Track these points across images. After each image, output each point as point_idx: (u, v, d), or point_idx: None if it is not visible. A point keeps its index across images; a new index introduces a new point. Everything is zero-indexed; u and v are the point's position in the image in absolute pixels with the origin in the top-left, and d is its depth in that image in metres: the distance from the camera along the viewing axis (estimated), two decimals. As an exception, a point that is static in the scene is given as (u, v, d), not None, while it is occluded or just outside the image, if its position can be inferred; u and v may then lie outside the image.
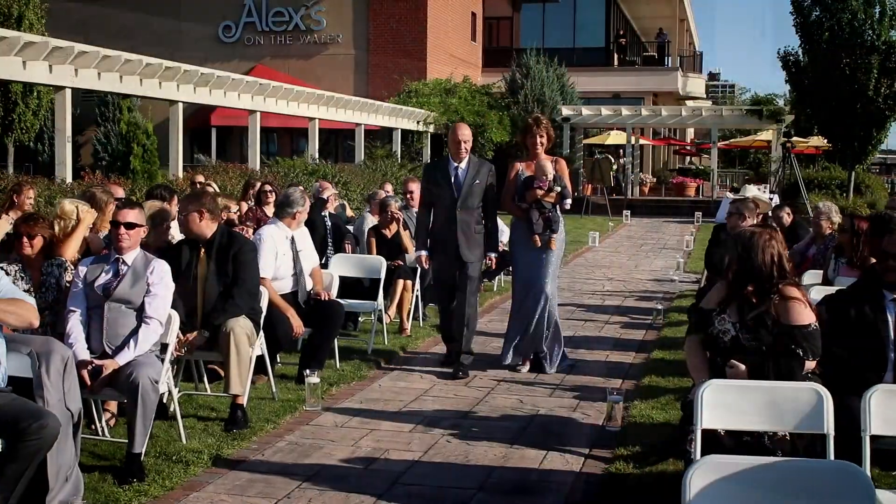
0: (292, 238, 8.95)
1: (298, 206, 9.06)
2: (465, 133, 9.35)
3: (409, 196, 12.56)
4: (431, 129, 33.93)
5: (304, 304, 8.84)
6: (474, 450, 6.92)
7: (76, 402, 5.71)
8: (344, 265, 10.68)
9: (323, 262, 10.39)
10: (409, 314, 11.46)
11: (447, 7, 41.37)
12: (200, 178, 14.71)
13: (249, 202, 12.34)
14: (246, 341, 7.40)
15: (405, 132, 32.44)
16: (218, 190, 12.84)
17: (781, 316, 5.27)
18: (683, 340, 10.53)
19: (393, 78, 37.71)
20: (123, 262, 6.61)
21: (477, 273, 9.53)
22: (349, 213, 14.85)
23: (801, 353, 5.19)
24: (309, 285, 9.04)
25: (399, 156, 30.80)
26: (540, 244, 9.36)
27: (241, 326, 7.42)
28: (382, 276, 10.46)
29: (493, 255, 9.60)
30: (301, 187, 9.93)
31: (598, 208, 34.09)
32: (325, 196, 11.86)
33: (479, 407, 8.14)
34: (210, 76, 20.66)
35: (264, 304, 8.04)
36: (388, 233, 11.64)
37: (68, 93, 16.39)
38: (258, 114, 23.03)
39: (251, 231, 9.99)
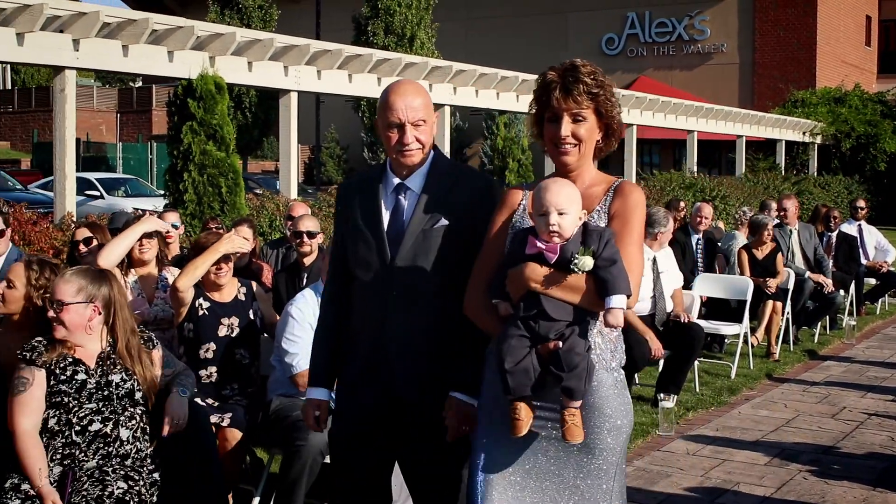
0: (654, 259, 8.82)
1: (661, 226, 8.93)
2: (410, 102, 3.81)
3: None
4: (818, 140, 32.41)
5: (662, 326, 8.69)
6: (832, 490, 6.53)
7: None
8: (709, 285, 10.47)
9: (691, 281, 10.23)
10: (777, 338, 11.01)
11: (839, 11, 39.64)
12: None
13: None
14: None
15: (789, 143, 31.20)
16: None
17: None
18: None
19: (779, 87, 36.56)
20: None
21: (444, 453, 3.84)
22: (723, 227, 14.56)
23: None
24: (669, 307, 8.87)
25: (783, 168, 29.65)
26: (524, 431, 3.35)
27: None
28: (749, 297, 10.11)
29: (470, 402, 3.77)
30: (663, 208, 9.77)
31: None
32: (701, 220, 11.56)
33: (843, 442, 7.67)
34: (585, 90, 20.80)
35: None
36: (760, 253, 11.16)
37: (447, 110, 17.03)
38: (635, 127, 22.99)
39: None
